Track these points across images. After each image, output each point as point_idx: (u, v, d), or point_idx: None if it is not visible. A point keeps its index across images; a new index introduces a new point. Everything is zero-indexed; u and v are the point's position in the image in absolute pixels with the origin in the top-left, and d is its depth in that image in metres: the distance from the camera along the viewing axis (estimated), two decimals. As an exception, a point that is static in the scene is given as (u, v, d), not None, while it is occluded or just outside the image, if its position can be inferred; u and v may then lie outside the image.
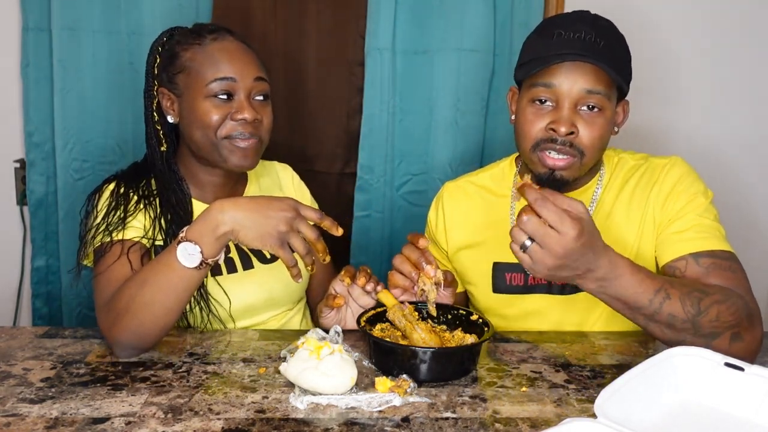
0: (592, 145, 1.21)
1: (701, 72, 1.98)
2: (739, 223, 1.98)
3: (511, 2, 1.88)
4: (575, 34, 1.19)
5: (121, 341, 1.11)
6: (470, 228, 1.42)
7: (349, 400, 0.98)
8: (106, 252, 1.23)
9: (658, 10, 1.94)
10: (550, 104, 1.22)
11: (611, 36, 1.22)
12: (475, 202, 1.43)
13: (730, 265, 1.17)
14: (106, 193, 1.32)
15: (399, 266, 1.20)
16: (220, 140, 1.28)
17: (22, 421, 0.92)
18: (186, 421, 0.93)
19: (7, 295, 1.98)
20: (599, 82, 1.19)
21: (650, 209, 1.27)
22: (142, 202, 1.31)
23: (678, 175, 1.28)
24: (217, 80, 1.26)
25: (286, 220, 1.08)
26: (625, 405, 0.89)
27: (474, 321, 1.17)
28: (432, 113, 1.93)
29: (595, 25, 1.20)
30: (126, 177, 1.35)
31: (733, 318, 1.08)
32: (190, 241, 1.08)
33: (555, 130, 1.20)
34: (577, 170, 1.24)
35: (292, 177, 1.58)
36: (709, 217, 1.23)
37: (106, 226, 1.25)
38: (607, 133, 1.24)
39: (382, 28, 1.85)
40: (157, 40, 1.37)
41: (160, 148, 1.35)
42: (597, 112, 1.21)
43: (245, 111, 1.27)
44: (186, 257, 1.08)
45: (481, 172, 1.48)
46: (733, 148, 2.02)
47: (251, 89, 1.30)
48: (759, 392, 0.94)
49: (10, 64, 1.87)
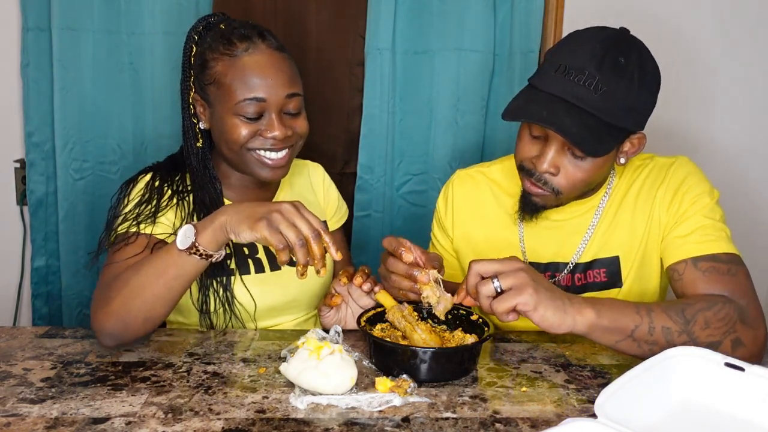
0: (571, 186, 1.20)
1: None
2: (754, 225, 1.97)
3: (511, 2, 1.88)
4: (575, 76, 1.11)
5: (105, 327, 1.11)
6: (477, 219, 1.41)
7: (349, 400, 0.98)
8: (129, 242, 1.22)
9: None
10: (542, 137, 1.19)
11: (620, 79, 1.12)
12: (484, 194, 1.42)
13: (729, 268, 1.16)
14: (141, 183, 1.31)
15: (387, 281, 1.18)
16: (247, 152, 1.27)
17: (22, 421, 0.92)
18: (186, 421, 0.93)
19: (7, 295, 1.98)
20: (577, 148, 1.14)
21: (656, 210, 1.27)
22: (175, 198, 1.30)
23: (683, 175, 1.27)
24: (246, 100, 1.24)
25: (279, 209, 1.06)
26: (625, 405, 0.89)
27: (474, 321, 1.17)
28: (432, 113, 1.94)
29: (602, 67, 1.11)
30: (162, 169, 1.34)
31: (723, 323, 1.07)
32: (192, 225, 1.10)
33: (534, 165, 1.20)
34: (552, 201, 1.23)
35: (323, 177, 1.57)
36: (714, 217, 1.22)
37: (136, 216, 1.25)
38: (598, 172, 1.20)
39: (382, 28, 1.85)
40: (193, 28, 1.32)
41: (196, 144, 1.34)
42: (582, 158, 1.17)
43: (275, 129, 1.26)
44: (182, 240, 1.09)
45: (493, 165, 1.46)
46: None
47: (282, 106, 1.27)
48: (759, 392, 0.94)
49: (10, 64, 1.87)
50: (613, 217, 1.31)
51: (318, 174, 1.56)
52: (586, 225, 1.31)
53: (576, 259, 1.31)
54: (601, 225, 1.31)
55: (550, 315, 1.01)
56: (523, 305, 1.00)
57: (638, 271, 1.29)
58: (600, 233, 1.31)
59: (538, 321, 1.01)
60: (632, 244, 1.29)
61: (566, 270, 1.32)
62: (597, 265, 1.31)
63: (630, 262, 1.29)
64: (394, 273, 1.15)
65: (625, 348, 1.07)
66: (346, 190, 2.02)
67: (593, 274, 1.31)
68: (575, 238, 1.32)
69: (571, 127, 1.11)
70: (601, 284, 1.30)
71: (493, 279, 1.02)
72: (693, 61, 1.97)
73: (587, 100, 1.11)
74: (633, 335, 1.05)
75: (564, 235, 1.33)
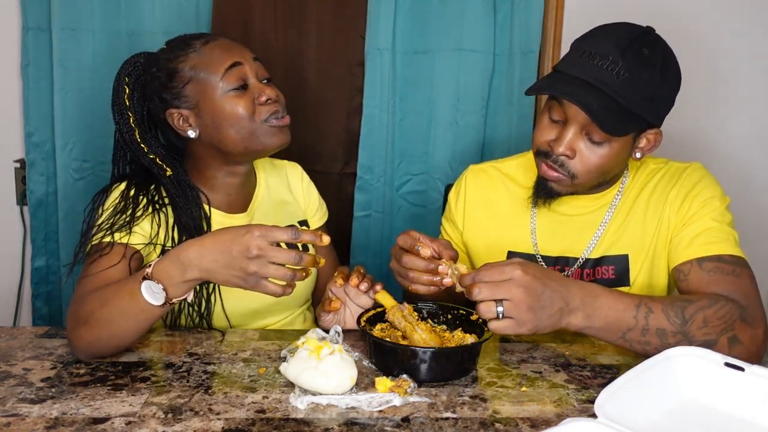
0: (586, 171, 1.21)
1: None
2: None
3: (511, 2, 1.88)
4: (600, 61, 1.15)
5: (78, 347, 1.10)
6: (489, 213, 1.41)
7: (349, 400, 0.98)
8: (104, 253, 1.20)
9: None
10: (562, 121, 1.22)
11: (643, 68, 1.15)
12: (497, 189, 1.42)
13: (734, 269, 1.16)
14: (116, 192, 1.29)
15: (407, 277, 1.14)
16: (260, 125, 1.28)
17: (22, 421, 0.92)
18: (186, 421, 0.93)
19: (7, 295, 1.99)
20: (596, 123, 1.16)
21: (667, 212, 1.28)
22: (151, 207, 1.28)
23: (696, 179, 1.28)
24: (227, 70, 1.27)
25: (251, 261, 1.00)
26: (625, 405, 0.89)
27: (474, 321, 1.17)
28: (432, 113, 1.94)
29: (626, 54, 1.14)
30: (136, 178, 1.32)
31: (722, 321, 1.08)
32: (155, 280, 1.04)
33: (551, 146, 1.21)
34: (568, 187, 1.24)
35: (302, 176, 1.56)
36: (722, 221, 1.23)
37: (110, 225, 1.23)
38: (614, 162, 1.22)
39: (382, 28, 1.85)
40: (121, 72, 1.33)
41: (166, 175, 1.31)
42: (600, 144, 1.19)
43: (266, 91, 1.29)
44: (151, 294, 1.04)
45: (508, 160, 1.46)
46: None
47: (257, 72, 1.31)
48: (759, 392, 0.94)
49: (10, 64, 1.88)
50: (626, 216, 1.31)
51: (296, 174, 1.56)
52: (598, 221, 1.32)
53: (586, 254, 1.32)
54: (612, 223, 1.32)
55: (546, 330, 1.03)
56: (520, 334, 1.02)
57: (647, 271, 1.30)
58: (611, 231, 1.32)
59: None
60: (642, 244, 1.30)
61: (576, 265, 1.32)
62: (606, 262, 1.31)
63: (639, 262, 1.30)
64: (411, 270, 1.13)
65: (620, 345, 1.09)
66: (346, 190, 2.02)
67: (602, 271, 1.31)
68: (586, 234, 1.33)
69: (593, 105, 1.14)
70: (609, 281, 1.30)
71: (498, 304, 1.00)
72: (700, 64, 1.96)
73: (609, 84, 1.14)
74: (625, 336, 1.07)
75: (575, 231, 1.33)
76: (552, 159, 1.21)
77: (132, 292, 1.05)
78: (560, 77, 1.19)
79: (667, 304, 1.08)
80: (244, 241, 1.00)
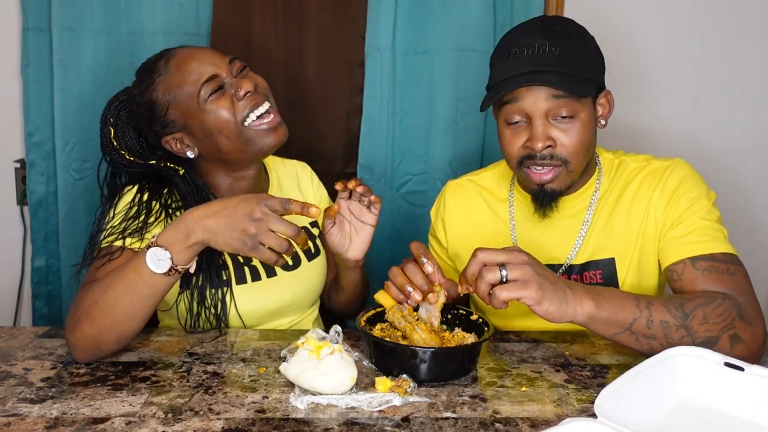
0: (574, 152, 1.22)
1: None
2: (742, 224, 1.98)
3: (511, 2, 1.88)
4: (528, 50, 1.19)
5: (79, 346, 1.09)
6: (471, 227, 1.42)
7: (349, 400, 0.98)
8: (113, 257, 1.19)
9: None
10: (524, 121, 1.23)
11: (566, 39, 1.21)
12: (476, 202, 1.44)
13: (728, 267, 1.16)
14: (128, 196, 1.29)
15: (393, 279, 1.16)
16: (245, 131, 1.27)
17: (23, 421, 0.92)
18: (186, 421, 0.93)
19: (7, 295, 1.98)
20: (563, 91, 1.19)
21: (652, 211, 1.27)
22: (164, 213, 1.27)
23: (680, 177, 1.28)
24: (203, 85, 1.25)
25: (253, 222, 1.04)
26: (625, 405, 0.89)
27: (474, 321, 1.17)
28: (432, 113, 1.94)
29: (545, 34, 1.20)
30: (149, 181, 1.32)
31: (722, 319, 1.08)
32: (161, 246, 1.06)
33: (531, 147, 1.21)
34: (565, 178, 1.25)
35: (311, 176, 1.58)
36: (711, 219, 1.23)
37: (122, 230, 1.22)
38: (589, 133, 1.24)
39: (382, 28, 1.85)
40: (106, 114, 1.34)
41: (179, 174, 1.32)
42: (571, 118, 1.21)
43: (243, 84, 1.26)
44: (155, 263, 1.05)
45: (482, 172, 1.49)
46: (731, 147, 2.03)
47: (231, 71, 1.29)
48: (759, 392, 0.94)
49: (10, 64, 1.87)
50: (608, 219, 1.31)
51: (306, 174, 1.57)
52: (579, 225, 1.32)
53: (570, 260, 1.32)
54: (594, 226, 1.32)
55: (553, 309, 1.02)
56: (528, 299, 1.01)
57: (635, 273, 1.30)
58: (594, 235, 1.31)
59: (540, 314, 1.03)
60: (628, 246, 1.29)
61: (560, 271, 1.32)
62: (592, 266, 1.31)
63: (626, 265, 1.29)
64: (404, 277, 1.14)
65: (623, 340, 1.08)
66: (346, 190, 2.02)
67: (589, 276, 1.31)
68: (568, 240, 1.33)
69: (551, 79, 1.17)
70: (597, 286, 1.30)
71: (501, 268, 1.02)
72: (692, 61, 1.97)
73: (549, 63, 1.18)
74: (631, 328, 1.06)
75: (557, 237, 1.33)
76: (539, 158, 1.22)
77: (136, 267, 1.07)
78: (504, 82, 1.21)
79: (664, 300, 1.09)
80: (249, 204, 1.05)
